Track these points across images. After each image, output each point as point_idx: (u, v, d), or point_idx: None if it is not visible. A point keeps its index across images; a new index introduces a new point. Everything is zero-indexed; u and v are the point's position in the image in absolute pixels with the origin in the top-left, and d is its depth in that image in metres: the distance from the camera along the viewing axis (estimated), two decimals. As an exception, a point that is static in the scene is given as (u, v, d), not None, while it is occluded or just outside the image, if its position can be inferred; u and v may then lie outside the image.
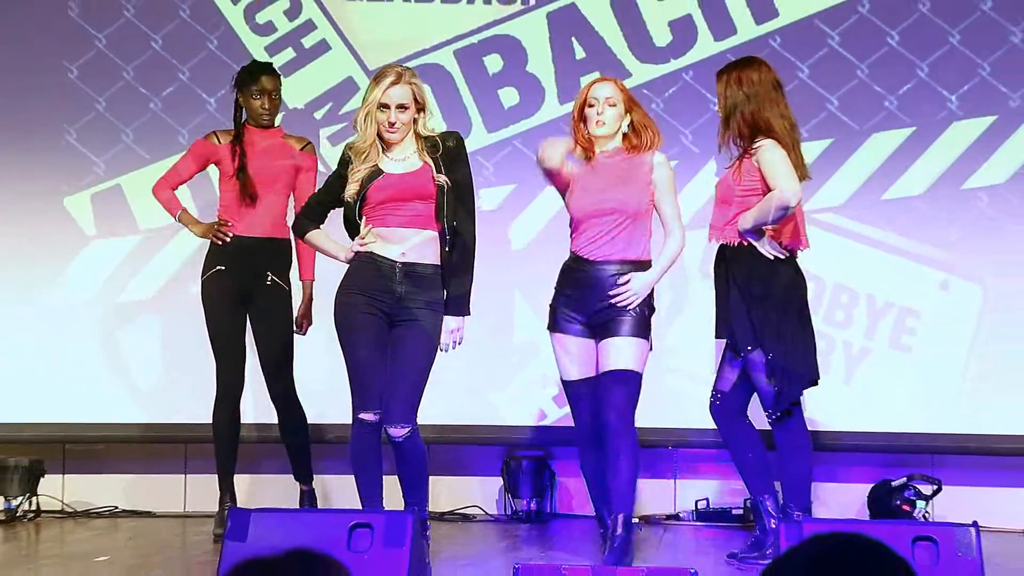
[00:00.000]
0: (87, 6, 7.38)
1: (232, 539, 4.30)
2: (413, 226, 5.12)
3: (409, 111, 5.10)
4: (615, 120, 5.35)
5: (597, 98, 5.35)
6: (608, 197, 5.28)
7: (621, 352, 5.19)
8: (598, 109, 5.33)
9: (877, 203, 6.84)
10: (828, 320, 6.75)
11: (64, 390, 7.08)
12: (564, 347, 5.35)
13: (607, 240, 5.27)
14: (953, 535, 4.22)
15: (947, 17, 6.85)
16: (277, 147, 6.09)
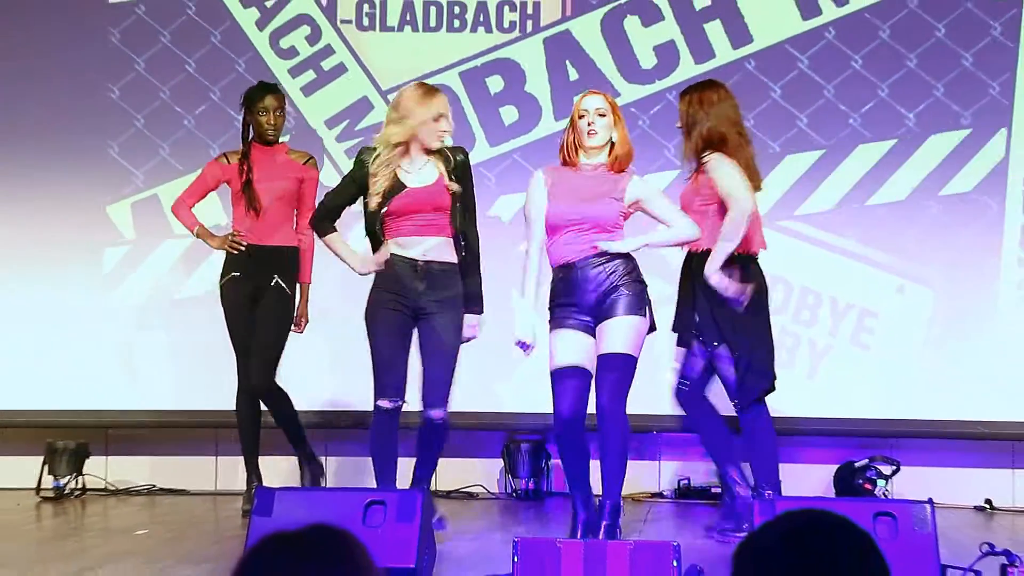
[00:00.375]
0: (128, 33, 7.38)
1: (258, 515, 4.31)
2: (429, 233, 5.16)
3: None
4: (606, 130, 5.05)
5: (587, 109, 5.08)
6: (583, 209, 4.98)
7: (616, 335, 4.91)
8: (589, 119, 5.05)
9: (845, 212, 6.85)
10: (795, 319, 6.78)
11: (107, 380, 7.09)
12: (561, 337, 4.97)
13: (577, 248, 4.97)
14: (910, 511, 4.22)
15: (905, 43, 6.86)
16: (281, 163, 6.07)
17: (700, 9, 7.04)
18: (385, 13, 7.27)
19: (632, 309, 4.93)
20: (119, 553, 4.97)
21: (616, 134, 5.07)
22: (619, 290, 4.94)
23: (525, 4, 7.17)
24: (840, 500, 5.77)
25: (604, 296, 4.94)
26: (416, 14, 7.25)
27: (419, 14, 7.25)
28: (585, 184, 5.04)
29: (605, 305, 4.94)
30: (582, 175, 5.07)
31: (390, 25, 7.27)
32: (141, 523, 5.98)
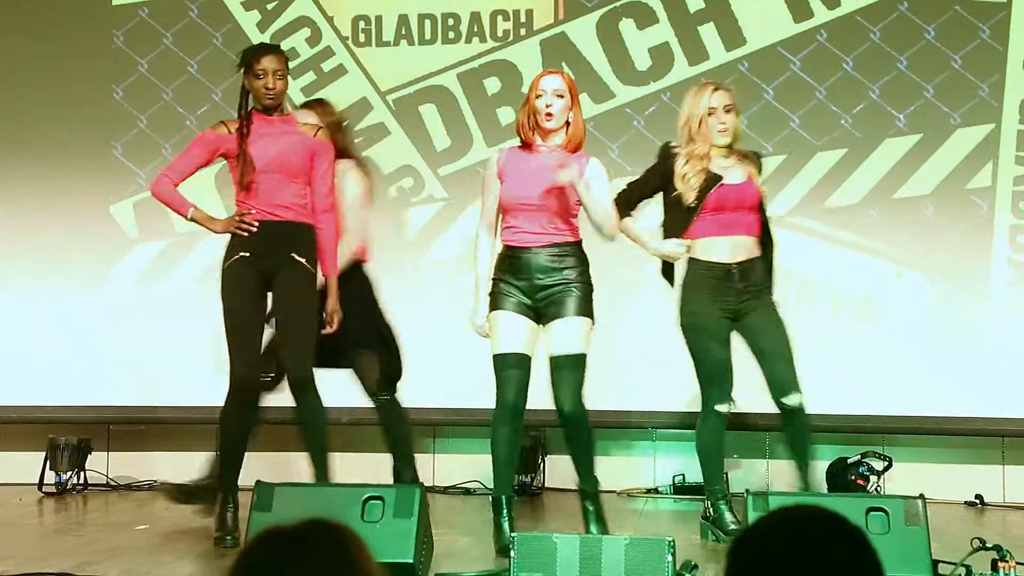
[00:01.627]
0: (131, 34, 7.37)
1: (258, 510, 4.28)
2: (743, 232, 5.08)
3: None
4: (563, 112, 4.82)
5: (545, 89, 4.82)
6: (534, 193, 4.78)
7: (571, 335, 4.75)
8: (547, 100, 4.80)
9: (839, 211, 6.83)
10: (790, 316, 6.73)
11: (109, 376, 7.07)
12: (505, 321, 4.81)
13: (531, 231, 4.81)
14: (902, 506, 4.20)
15: (895, 45, 6.84)
16: (288, 133, 5.13)
17: (694, 12, 7.02)
18: (381, 28, 7.25)
19: (583, 310, 4.78)
20: (120, 548, 4.94)
21: (572, 116, 4.86)
22: (571, 289, 4.78)
23: (518, 12, 7.16)
24: (833, 496, 5.75)
25: (555, 290, 4.78)
26: (411, 27, 7.23)
27: (414, 27, 7.23)
28: (543, 167, 4.79)
29: (555, 300, 4.78)
30: (539, 157, 4.84)
31: (386, 40, 7.25)
32: (142, 518, 5.94)
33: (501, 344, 4.81)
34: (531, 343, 4.82)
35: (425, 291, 6.98)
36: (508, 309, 4.82)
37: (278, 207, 5.07)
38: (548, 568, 3.87)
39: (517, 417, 4.83)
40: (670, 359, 6.48)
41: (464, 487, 6.84)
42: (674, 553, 3.86)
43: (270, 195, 5.07)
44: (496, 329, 4.83)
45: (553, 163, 4.75)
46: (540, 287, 4.79)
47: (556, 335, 4.78)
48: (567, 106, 4.83)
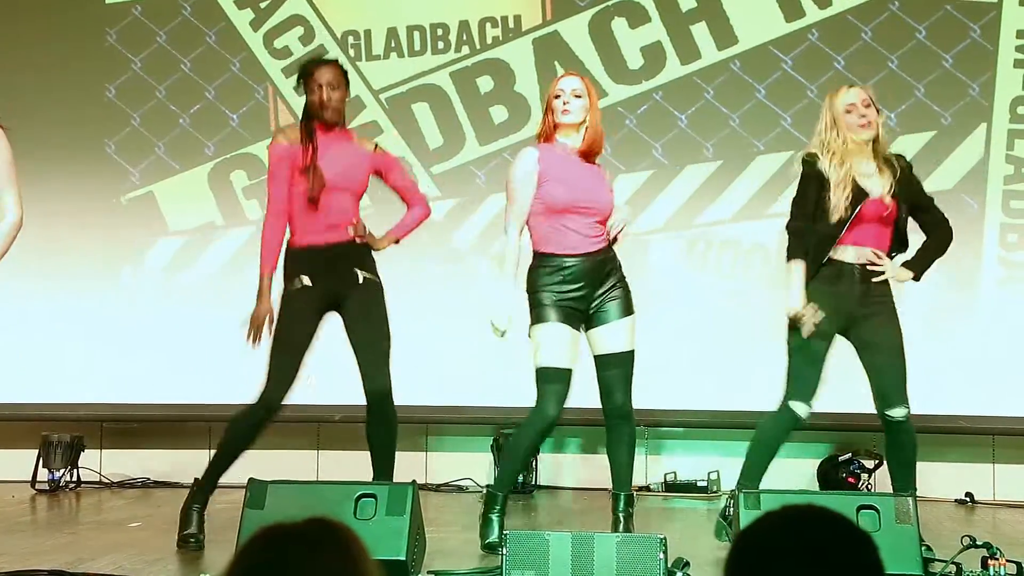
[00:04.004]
0: (124, 33, 7.36)
1: (251, 507, 4.28)
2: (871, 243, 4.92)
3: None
4: (581, 111, 4.84)
5: (563, 89, 4.87)
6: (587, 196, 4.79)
7: (621, 334, 4.82)
8: (564, 99, 4.84)
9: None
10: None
11: (101, 374, 7.06)
12: (555, 334, 4.75)
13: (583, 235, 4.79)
14: (893, 504, 4.20)
15: (887, 44, 6.85)
16: (349, 147, 5.02)
17: (686, 11, 7.03)
18: (371, 42, 7.25)
19: (629, 309, 4.86)
20: (113, 545, 4.93)
21: (590, 117, 4.87)
22: (617, 290, 4.84)
23: (506, 18, 7.16)
24: (824, 493, 5.76)
25: (605, 294, 4.82)
26: (401, 39, 7.22)
27: (404, 39, 7.22)
28: (584, 172, 4.84)
29: (605, 303, 4.82)
30: (576, 162, 4.84)
31: (376, 54, 7.25)
32: (135, 515, 5.94)
33: (551, 358, 4.76)
34: (575, 356, 4.83)
35: (418, 289, 6.97)
36: (559, 320, 4.78)
37: (330, 227, 4.94)
38: (540, 566, 3.88)
39: (550, 430, 4.91)
40: (663, 358, 6.51)
41: (456, 484, 6.84)
42: (666, 551, 3.86)
43: (335, 214, 4.93)
44: (546, 341, 4.77)
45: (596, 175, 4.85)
46: (594, 293, 4.82)
47: (606, 336, 4.83)
48: (585, 106, 4.86)
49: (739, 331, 6.58)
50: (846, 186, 4.81)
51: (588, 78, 5.05)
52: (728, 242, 6.78)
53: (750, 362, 6.32)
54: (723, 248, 6.44)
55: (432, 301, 6.98)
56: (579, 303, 4.80)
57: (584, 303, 4.81)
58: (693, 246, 6.90)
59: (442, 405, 6.86)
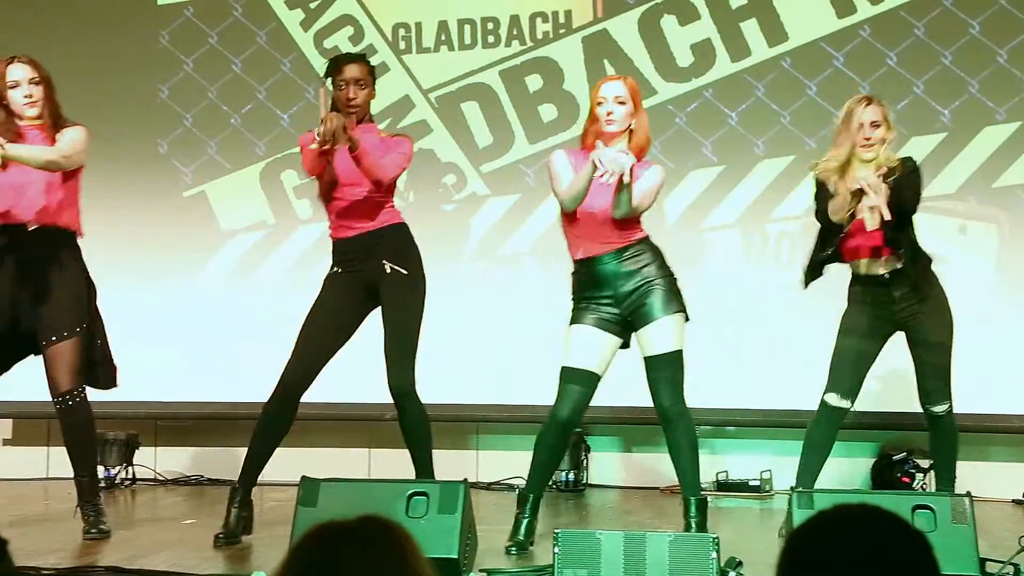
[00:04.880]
0: (176, 34, 7.42)
1: (304, 505, 4.29)
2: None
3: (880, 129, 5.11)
4: (625, 118, 4.75)
5: (606, 97, 4.76)
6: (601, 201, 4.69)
7: (662, 336, 4.72)
8: (607, 108, 4.74)
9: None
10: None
11: (156, 372, 7.11)
12: (579, 335, 4.77)
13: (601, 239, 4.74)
14: (949, 504, 4.16)
15: (940, 40, 6.76)
16: (370, 140, 4.97)
17: (736, 8, 6.98)
18: (421, 34, 7.25)
19: (670, 307, 4.75)
20: (168, 542, 4.97)
21: (636, 122, 4.80)
22: (653, 288, 4.74)
23: (557, 13, 7.14)
24: (878, 493, 5.70)
25: (639, 293, 4.73)
26: (451, 33, 7.23)
27: (454, 33, 7.23)
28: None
29: (641, 304, 4.73)
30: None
31: (426, 46, 7.25)
32: (189, 513, 5.98)
33: (571, 358, 4.77)
34: (604, 362, 4.78)
35: (468, 288, 6.97)
36: (588, 323, 4.78)
37: (360, 218, 5.01)
38: (592, 565, 3.86)
39: (566, 433, 4.85)
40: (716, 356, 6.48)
41: (507, 483, 6.83)
42: (718, 550, 3.84)
43: (352, 207, 5.01)
44: (570, 341, 4.79)
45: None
46: (625, 295, 4.75)
47: (647, 338, 4.76)
48: (629, 112, 4.77)
49: (794, 328, 6.53)
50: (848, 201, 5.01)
51: (631, 79, 4.93)
52: (784, 234, 6.71)
53: (803, 360, 6.26)
54: (779, 242, 6.37)
55: (481, 299, 6.98)
56: (611, 307, 4.77)
57: (616, 306, 4.76)
58: (750, 242, 6.85)
59: (492, 404, 6.86)
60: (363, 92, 5.02)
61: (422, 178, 7.07)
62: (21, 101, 5.03)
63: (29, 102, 5.03)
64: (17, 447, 7.40)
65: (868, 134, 5.06)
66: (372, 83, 5.08)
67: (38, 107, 5.04)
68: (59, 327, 5.04)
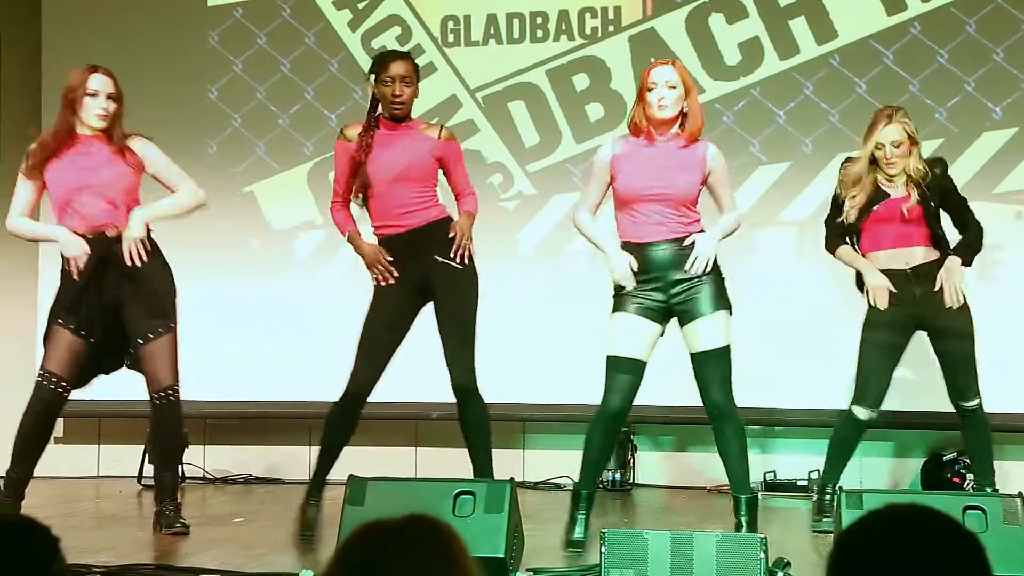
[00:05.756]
0: (225, 35, 7.47)
1: (351, 504, 4.30)
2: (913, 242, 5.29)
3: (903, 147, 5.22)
4: (676, 103, 4.69)
5: (656, 82, 4.68)
6: (658, 183, 4.68)
7: (710, 332, 4.67)
8: (659, 93, 4.67)
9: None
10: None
11: (206, 371, 7.15)
12: (624, 323, 4.69)
13: (655, 223, 4.69)
14: (1000, 505, 4.11)
15: (992, 37, 6.69)
16: (410, 140, 5.03)
17: (784, 5, 6.94)
18: (469, 28, 7.27)
19: (719, 304, 4.70)
20: (217, 540, 5.00)
21: (688, 105, 4.74)
22: (703, 284, 4.68)
23: (606, 9, 7.13)
24: (928, 493, 5.65)
25: (689, 287, 4.68)
26: (500, 26, 7.24)
27: (503, 26, 7.23)
28: (662, 154, 4.73)
29: (689, 298, 4.69)
30: (657, 146, 4.74)
31: (475, 40, 7.27)
32: (238, 511, 6.01)
33: (617, 347, 4.71)
34: (648, 349, 4.73)
35: (514, 287, 6.97)
36: (631, 311, 4.71)
37: (403, 215, 5.00)
38: (639, 564, 3.85)
39: (616, 423, 4.79)
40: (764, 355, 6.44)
41: (554, 482, 6.83)
42: (766, 550, 3.82)
43: (394, 206, 4.99)
44: (614, 330, 4.73)
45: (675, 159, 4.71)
46: (672, 284, 4.70)
47: (695, 333, 4.71)
48: (680, 96, 4.71)
49: (844, 328, 6.47)
50: (864, 191, 5.21)
51: (680, 63, 4.90)
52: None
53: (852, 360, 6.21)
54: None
55: (529, 298, 6.98)
56: (657, 294, 4.70)
57: (662, 294, 4.70)
58: (802, 239, 6.81)
59: (539, 403, 6.86)
60: (408, 89, 5.01)
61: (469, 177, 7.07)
62: (95, 111, 5.11)
63: (103, 114, 5.12)
64: (68, 445, 7.47)
65: (889, 155, 5.20)
66: (417, 81, 5.08)
67: (107, 122, 5.13)
68: (156, 324, 5.12)
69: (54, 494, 6.44)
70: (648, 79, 4.74)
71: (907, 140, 5.20)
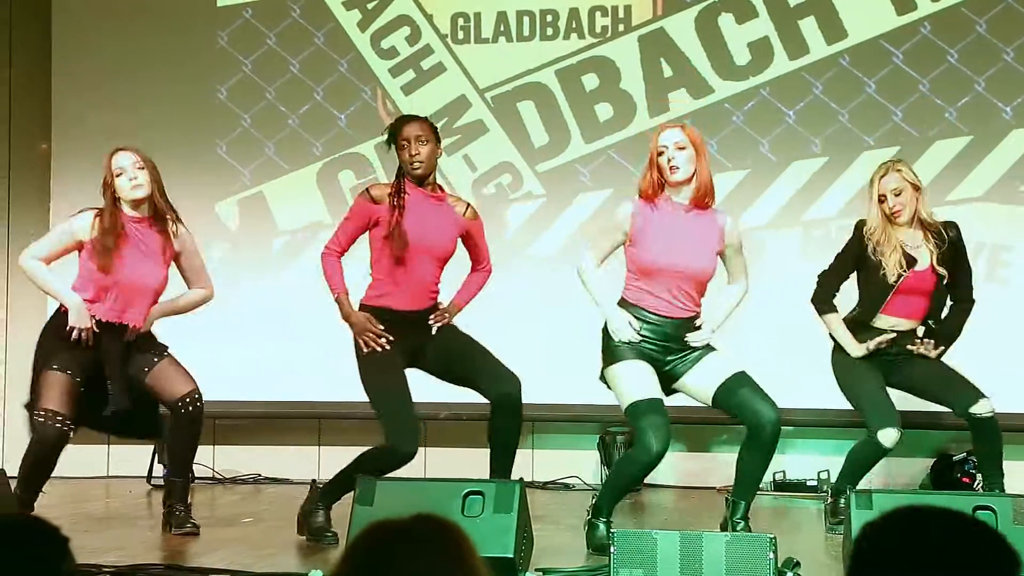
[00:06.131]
0: (235, 35, 7.47)
1: (361, 504, 4.31)
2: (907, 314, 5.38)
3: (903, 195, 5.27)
4: (689, 164, 4.65)
5: (666, 145, 4.67)
6: (680, 260, 4.67)
7: (718, 364, 4.69)
8: (669, 155, 4.65)
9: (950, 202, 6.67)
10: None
11: (213, 372, 7.15)
12: (638, 369, 4.65)
13: (673, 296, 4.68)
14: (1011, 505, 4.11)
15: (1002, 37, 6.68)
16: (439, 210, 5.00)
17: (794, 5, 6.93)
18: (480, 25, 7.26)
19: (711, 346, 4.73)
20: (226, 540, 5.01)
21: (699, 168, 4.70)
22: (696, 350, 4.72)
23: (616, 8, 7.12)
24: (939, 493, 5.64)
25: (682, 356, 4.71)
26: (510, 24, 7.23)
27: (512, 24, 7.23)
28: (688, 230, 4.70)
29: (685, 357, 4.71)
30: (676, 217, 4.71)
31: (484, 37, 7.26)
32: (247, 511, 6.02)
33: (636, 391, 4.62)
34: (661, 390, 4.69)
35: (523, 287, 6.97)
36: (634, 358, 4.66)
37: (423, 294, 4.97)
38: (648, 564, 3.85)
39: (656, 464, 4.70)
40: (773, 355, 6.44)
41: (563, 482, 6.83)
42: (776, 550, 3.82)
43: (418, 278, 4.94)
44: (625, 378, 4.66)
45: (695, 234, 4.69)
46: (670, 354, 4.71)
47: (707, 371, 4.69)
48: (691, 157, 4.67)
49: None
50: (896, 250, 5.23)
51: (690, 127, 4.89)
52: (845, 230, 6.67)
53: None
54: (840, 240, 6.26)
55: (538, 299, 6.97)
56: (657, 353, 4.69)
57: (661, 355, 4.70)
58: (809, 239, 6.81)
59: (548, 403, 6.84)
60: (426, 148, 4.94)
61: (478, 178, 7.09)
62: (128, 186, 5.11)
63: (134, 184, 5.11)
64: (78, 445, 7.44)
65: (891, 204, 5.25)
66: (436, 140, 5.02)
67: (143, 189, 5.12)
68: (152, 355, 5.23)
69: (64, 494, 6.45)
70: (658, 143, 4.73)
71: (908, 187, 5.25)
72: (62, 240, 5.16)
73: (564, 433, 7.02)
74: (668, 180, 4.68)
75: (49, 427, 4.95)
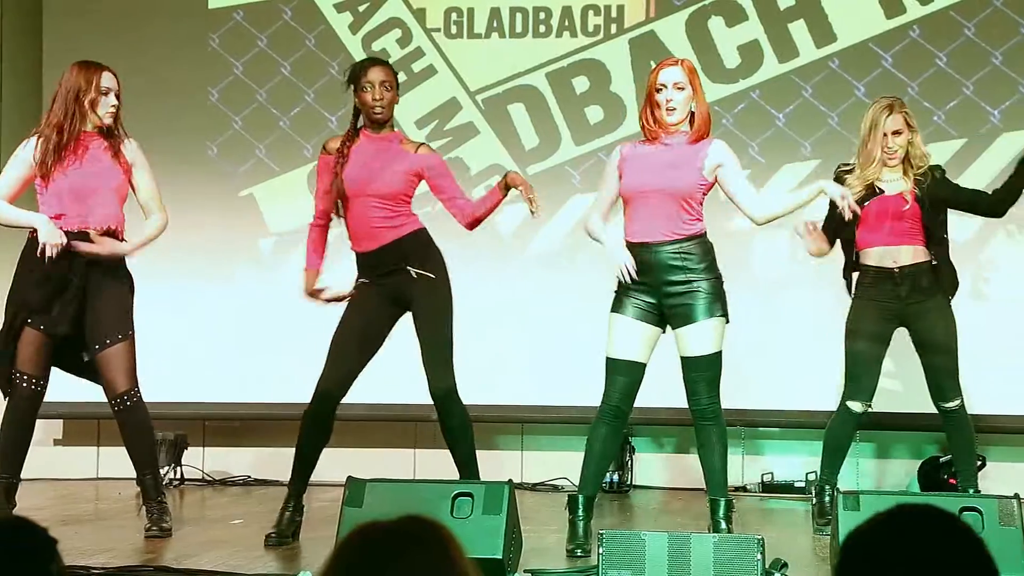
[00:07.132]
0: (226, 37, 7.47)
1: (350, 505, 4.32)
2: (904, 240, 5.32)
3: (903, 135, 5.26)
4: (685, 104, 4.68)
5: (665, 84, 4.69)
6: (657, 179, 4.68)
7: (701, 338, 4.67)
8: (667, 95, 4.67)
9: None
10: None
11: (204, 373, 7.16)
12: (620, 325, 4.74)
13: (653, 221, 4.68)
14: (996, 506, 4.13)
15: (990, 40, 6.71)
16: (387, 152, 5.03)
17: (784, 9, 6.95)
18: (472, 20, 7.27)
19: (713, 311, 4.69)
20: (215, 542, 5.01)
21: (696, 105, 4.73)
22: (697, 290, 4.66)
23: (609, 7, 7.13)
24: (925, 495, 5.67)
25: (681, 292, 4.68)
26: (503, 20, 7.24)
27: (505, 20, 7.24)
28: (662, 154, 4.73)
29: (682, 304, 4.68)
30: (659, 146, 4.76)
31: (477, 32, 7.27)
32: (237, 513, 6.02)
33: (615, 349, 4.77)
34: (646, 350, 4.77)
35: (514, 289, 6.98)
36: (627, 314, 4.74)
37: (372, 231, 5.01)
38: (636, 565, 3.87)
39: (619, 419, 4.81)
40: (761, 356, 6.45)
41: (552, 484, 6.84)
42: (763, 551, 3.83)
43: (365, 221, 5.01)
44: (612, 332, 4.78)
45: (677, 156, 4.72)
46: (665, 287, 4.70)
47: (686, 340, 4.73)
48: (689, 97, 4.71)
49: (837, 329, 6.48)
50: (859, 188, 5.21)
51: (688, 62, 4.89)
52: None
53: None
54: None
55: (526, 300, 6.98)
56: (649, 297, 4.72)
57: (654, 297, 4.72)
58: (795, 245, 6.81)
59: (538, 405, 6.87)
60: (388, 95, 4.99)
61: (468, 179, 7.09)
62: (107, 109, 5.11)
63: (113, 112, 5.13)
64: (68, 447, 7.49)
65: (889, 144, 5.24)
66: (397, 88, 5.06)
67: (114, 119, 5.14)
68: (113, 331, 5.09)
69: (53, 495, 6.45)
70: (656, 80, 4.75)
71: (906, 128, 5.27)
72: (18, 168, 5.13)
73: (554, 435, 7.03)
74: (663, 121, 4.72)
75: (22, 388, 4.98)
